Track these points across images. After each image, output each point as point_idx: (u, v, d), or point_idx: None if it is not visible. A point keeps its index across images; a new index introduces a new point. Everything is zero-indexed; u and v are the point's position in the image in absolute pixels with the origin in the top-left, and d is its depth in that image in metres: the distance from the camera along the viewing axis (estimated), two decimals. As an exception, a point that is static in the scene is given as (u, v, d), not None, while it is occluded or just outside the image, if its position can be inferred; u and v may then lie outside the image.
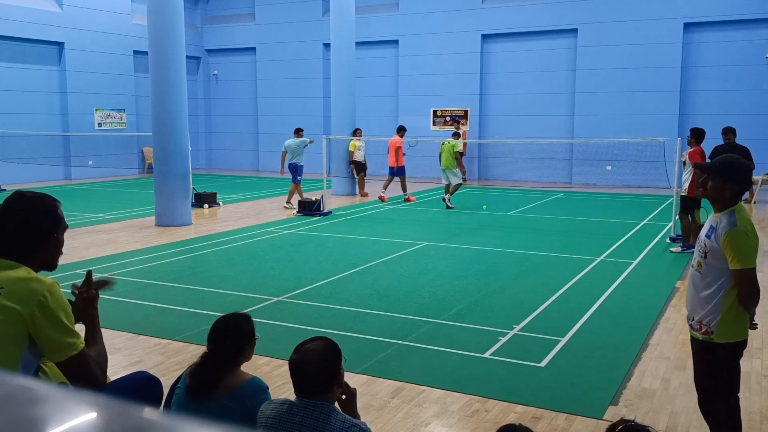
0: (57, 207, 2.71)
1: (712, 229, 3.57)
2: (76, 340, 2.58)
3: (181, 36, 12.29)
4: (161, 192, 12.27)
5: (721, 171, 3.58)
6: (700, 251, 3.64)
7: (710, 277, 3.57)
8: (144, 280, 8.15)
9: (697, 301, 3.66)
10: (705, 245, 3.59)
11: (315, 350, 2.65)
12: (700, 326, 3.63)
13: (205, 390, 2.93)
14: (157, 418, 0.68)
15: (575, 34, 20.15)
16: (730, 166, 3.59)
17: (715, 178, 3.58)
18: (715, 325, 3.56)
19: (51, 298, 2.53)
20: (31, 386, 0.73)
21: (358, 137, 16.68)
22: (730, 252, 3.45)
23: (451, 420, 4.39)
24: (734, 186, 3.56)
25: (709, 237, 3.58)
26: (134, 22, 22.47)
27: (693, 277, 3.71)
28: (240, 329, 3.07)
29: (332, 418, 2.55)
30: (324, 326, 6.29)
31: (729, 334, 3.57)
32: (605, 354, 5.63)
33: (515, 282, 8.14)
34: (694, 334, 3.71)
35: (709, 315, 3.58)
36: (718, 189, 3.57)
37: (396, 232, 11.62)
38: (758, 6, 18.02)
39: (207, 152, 26.46)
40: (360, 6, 20.37)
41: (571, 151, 20.45)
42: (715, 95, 18.96)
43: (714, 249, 3.52)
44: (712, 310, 3.57)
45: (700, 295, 3.63)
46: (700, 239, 3.69)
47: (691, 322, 3.74)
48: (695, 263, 3.69)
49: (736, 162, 3.63)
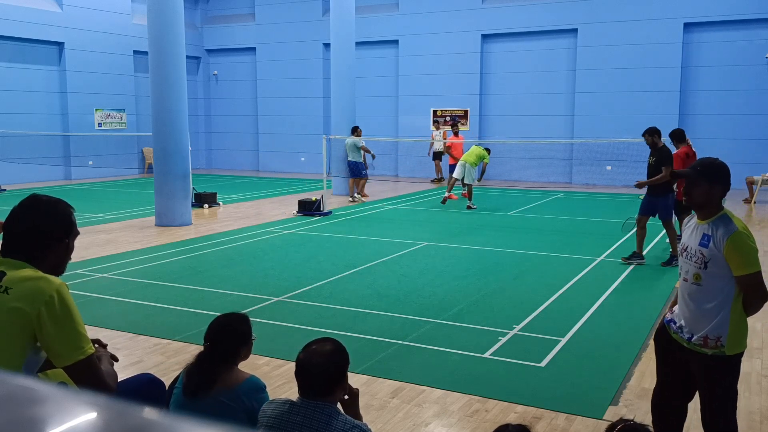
0: (71, 213, 2.70)
1: (708, 237, 3.36)
2: (85, 344, 2.51)
3: (181, 36, 12.30)
4: (161, 192, 12.27)
5: (705, 174, 3.41)
6: (697, 262, 3.40)
7: (714, 289, 3.35)
8: (144, 280, 8.15)
9: (698, 316, 3.41)
10: (703, 255, 3.36)
11: (324, 352, 2.65)
12: (705, 342, 3.39)
13: (202, 389, 2.93)
14: (157, 418, 0.68)
15: (575, 34, 20.15)
16: (712, 169, 3.43)
17: (699, 182, 3.41)
18: (725, 338, 3.35)
19: (59, 299, 2.48)
20: (31, 386, 0.73)
21: (358, 135, 16.27)
22: (737, 257, 3.27)
23: (451, 420, 4.39)
24: (720, 188, 3.41)
25: (706, 246, 3.36)
26: (134, 22, 22.47)
27: (689, 291, 3.45)
28: (236, 330, 3.07)
29: (334, 419, 2.55)
30: (324, 326, 6.30)
31: (739, 344, 3.41)
32: (605, 354, 5.63)
33: (515, 282, 8.14)
34: (699, 349, 3.43)
35: (718, 328, 3.36)
36: (705, 194, 3.40)
37: (396, 232, 11.62)
38: (758, 6, 18.02)
39: (207, 152, 26.46)
40: (360, 6, 20.37)
41: (571, 151, 20.45)
42: (715, 95, 18.96)
43: (716, 257, 3.32)
44: (721, 322, 3.35)
45: (702, 309, 3.39)
46: (690, 250, 3.45)
47: (686, 336, 3.48)
48: (690, 276, 3.44)
49: (716, 163, 3.47)
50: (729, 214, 3.42)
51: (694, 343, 3.43)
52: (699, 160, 3.52)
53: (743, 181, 16.65)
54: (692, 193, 3.42)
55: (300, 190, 18.21)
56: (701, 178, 3.40)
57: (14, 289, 2.47)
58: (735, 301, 3.34)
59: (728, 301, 3.34)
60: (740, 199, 16.15)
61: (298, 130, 24.14)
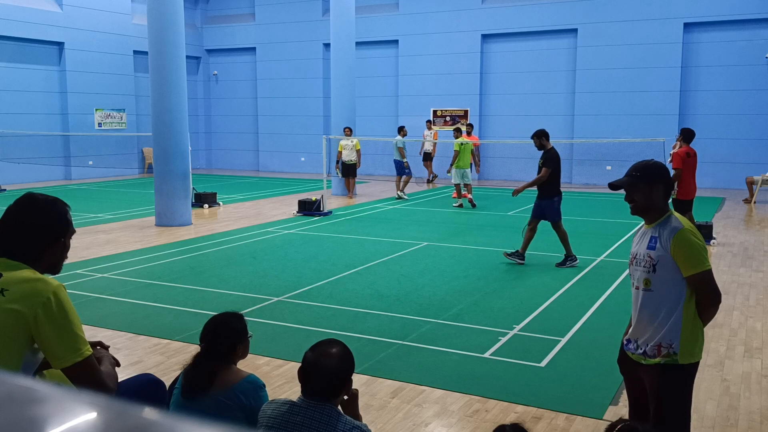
0: (66, 211, 2.69)
1: (655, 239, 3.24)
2: (82, 346, 2.49)
3: (181, 36, 12.30)
4: (161, 192, 12.27)
5: (642, 177, 3.27)
6: (646, 266, 3.26)
7: (664, 293, 3.21)
8: (144, 280, 8.15)
9: (649, 324, 3.26)
10: (651, 258, 3.23)
11: (333, 354, 2.65)
12: (659, 350, 3.22)
13: (200, 389, 2.94)
14: (157, 418, 0.68)
15: (575, 34, 20.15)
16: (649, 170, 3.30)
17: (638, 186, 3.26)
18: (678, 344, 3.18)
19: (56, 301, 2.46)
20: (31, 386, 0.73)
21: (347, 136, 16.41)
22: (684, 256, 3.14)
23: (451, 420, 4.39)
24: (662, 188, 3.28)
25: (653, 248, 3.23)
26: (134, 22, 22.47)
27: (641, 299, 3.30)
28: (231, 328, 3.08)
29: (334, 420, 2.55)
30: (324, 326, 6.30)
31: (694, 351, 3.22)
32: (605, 354, 5.62)
33: (515, 282, 8.14)
34: (651, 361, 3.25)
35: (668, 335, 3.19)
36: (646, 196, 3.26)
37: (396, 232, 11.62)
38: (758, 6, 18.02)
39: (207, 152, 26.46)
40: (360, 6, 20.38)
41: (571, 151, 20.45)
42: (715, 95, 18.96)
43: (663, 258, 3.19)
44: (672, 328, 3.19)
45: (654, 316, 3.24)
46: (639, 256, 3.32)
47: (641, 351, 3.30)
48: (640, 283, 3.30)
49: (650, 164, 3.35)
50: (676, 215, 3.30)
51: (646, 354, 3.27)
52: (633, 165, 3.38)
53: (743, 181, 16.66)
54: (634, 198, 3.29)
55: (300, 190, 18.22)
56: (639, 182, 3.27)
57: (11, 290, 2.46)
58: (686, 304, 3.20)
59: (680, 304, 3.19)
60: (740, 199, 16.16)
61: (298, 130, 24.13)
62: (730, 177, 18.42)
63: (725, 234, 11.45)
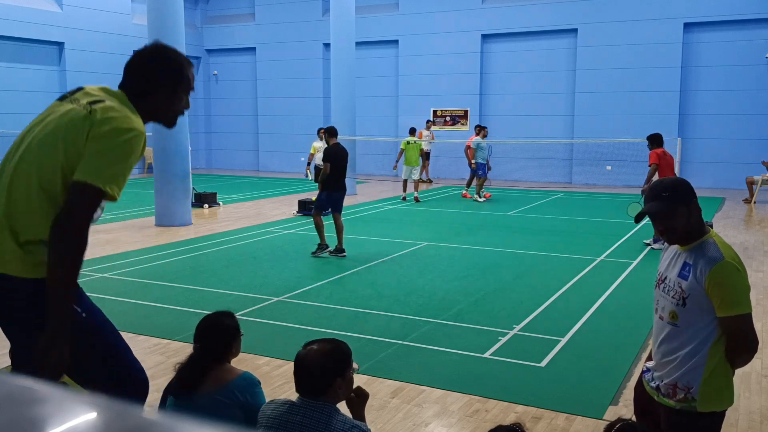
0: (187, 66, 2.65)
1: (689, 267, 2.72)
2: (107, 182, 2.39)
3: (181, 36, 12.30)
4: (161, 192, 12.27)
5: (678, 198, 2.74)
6: (675, 297, 2.76)
7: (691, 330, 2.72)
8: (144, 280, 8.15)
9: (669, 360, 2.80)
10: (682, 289, 2.72)
11: (320, 350, 2.66)
12: (674, 391, 2.77)
13: (195, 388, 2.97)
14: (157, 418, 0.68)
15: (575, 34, 20.15)
16: (680, 187, 2.79)
17: (678, 209, 2.73)
18: (697, 389, 2.71)
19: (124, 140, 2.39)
20: (31, 386, 0.73)
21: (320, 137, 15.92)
22: (720, 294, 2.63)
23: (451, 420, 4.39)
24: (697, 204, 2.78)
25: (686, 278, 2.72)
26: (134, 22, 22.47)
27: (665, 332, 2.83)
28: (223, 326, 3.13)
29: (333, 419, 2.56)
30: (324, 326, 6.30)
31: (716, 400, 2.72)
32: (605, 354, 5.63)
33: (515, 282, 8.14)
34: (665, 401, 2.82)
35: (687, 376, 2.73)
36: (686, 219, 2.74)
37: (396, 232, 11.63)
38: (758, 6, 18.03)
39: (207, 152, 26.46)
40: (360, 6, 20.37)
41: (571, 151, 20.46)
42: (715, 95, 18.97)
43: (696, 293, 2.68)
44: (692, 369, 2.72)
45: (676, 352, 2.77)
46: (669, 282, 2.82)
47: (654, 385, 2.89)
48: (666, 314, 2.82)
49: (675, 180, 2.86)
50: (716, 237, 2.78)
51: (659, 390, 2.86)
52: (655, 187, 2.82)
53: (743, 181, 16.66)
54: (674, 225, 2.75)
55: (300, 190, 18.22)
56: (676, 204, 2.73)
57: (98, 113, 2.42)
58: (714, 345, 2.69)
59: (706, 346, 2.70)
60: (740, 199, 16.16)
61: (298, 130, 24.13)
62: (730, 177, 18.42)
63: (725, 234, 11.45)
